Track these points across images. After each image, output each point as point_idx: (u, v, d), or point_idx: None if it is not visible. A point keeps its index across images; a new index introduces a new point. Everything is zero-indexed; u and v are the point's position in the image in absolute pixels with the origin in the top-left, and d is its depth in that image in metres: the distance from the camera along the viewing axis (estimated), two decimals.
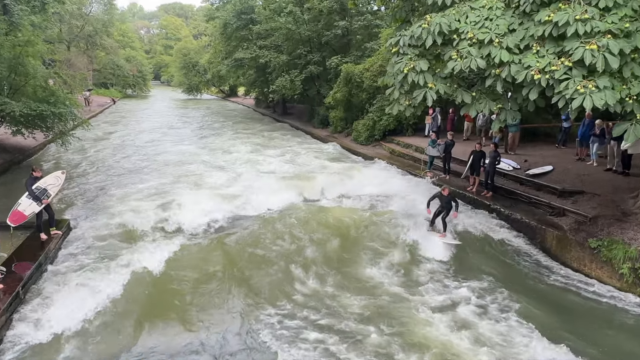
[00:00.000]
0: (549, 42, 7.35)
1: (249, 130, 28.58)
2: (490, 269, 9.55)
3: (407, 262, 9.60)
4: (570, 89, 6.93)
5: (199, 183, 14.55)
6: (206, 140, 24.35)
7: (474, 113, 8.54)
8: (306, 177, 15.12)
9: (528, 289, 8.72)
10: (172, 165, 17.38)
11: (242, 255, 9.47)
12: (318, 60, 27.85)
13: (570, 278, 9.19)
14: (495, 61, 7.56)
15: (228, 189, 13.70)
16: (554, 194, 11.65)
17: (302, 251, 9.71)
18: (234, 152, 20.33)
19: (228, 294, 8.23)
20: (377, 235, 10.50)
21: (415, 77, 8.27)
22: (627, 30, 6.95)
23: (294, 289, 8.44)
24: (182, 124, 31.93)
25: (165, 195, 12.97)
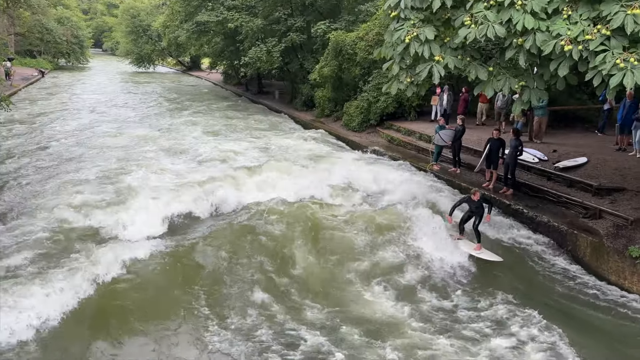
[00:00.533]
0: (582, 6, 7.39)
1: (215, 113, 28.40)
2: (510, 282, 9.67)
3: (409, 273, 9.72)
4: (608, 63, 6.98)
5: (149, 176, 14.47)
6: (158, 125, 24.19)
7: (491, 93, 8.55)
8: (281, 171, 15.09)
9: (555, 307, 8.81)
10: (115, 154, 17.37)
11: (204, 260, 9.54)
12: (301, 27, 27.72)
13: (606, 293, 9.32)
14: (518, 28, 7.57)
15: (185, 185, 13.58)
16: (588, 191, 11.82)
17: (275, 262, 9.75)
18: (194, 141, 20.19)
19: (182, 306, 8.31)
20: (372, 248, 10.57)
21: (418, 47, 8.27)
22: None
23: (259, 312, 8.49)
24: (127, 105, 31.65)
25: (107, 189, 12.99)
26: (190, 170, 15.54)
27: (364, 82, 22.17)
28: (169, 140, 20.27)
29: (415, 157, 17.09)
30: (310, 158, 17.26)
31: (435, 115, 19.25)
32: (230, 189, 13.25)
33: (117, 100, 33.21)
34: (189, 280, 9.11)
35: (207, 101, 34.47)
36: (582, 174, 12.58)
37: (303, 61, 28.49)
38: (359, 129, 21.66)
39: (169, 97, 35.45)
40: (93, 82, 46.20)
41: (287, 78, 32.18)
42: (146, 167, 15.44)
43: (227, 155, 17.97)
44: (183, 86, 45.13)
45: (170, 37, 41.51)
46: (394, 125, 20.65)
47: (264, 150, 18.88)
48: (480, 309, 8.78)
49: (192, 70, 61.24)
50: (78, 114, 26.72)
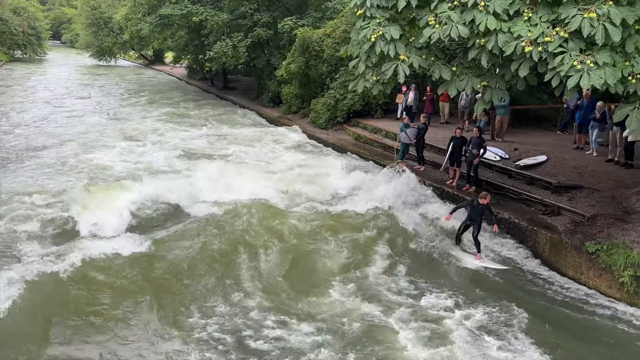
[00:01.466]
0: (542, 8, 7.57)
1: (178, 109, 28.04)
2: (470, 278, 9.86)
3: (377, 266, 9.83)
4: (565, 65, 7.19)
5: (105, 175, 14.33)
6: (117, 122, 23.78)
7: (454, 92, 8.69)
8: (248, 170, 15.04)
9: (515, 301, 8.97)
10: (69, 151, 17.16)
11: (161, 266, 9.30)
12: (267, 22, 27.55)
13: (564, 288, 9.60)
14: (480, 29, 7.70)
15: (144, 185, 13.27)
16: (547, 189, 12.12)
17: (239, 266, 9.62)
18: (156, 138, 19.88)
19: (140, 314, 8.11)
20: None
21: (384, 46, 8.31)
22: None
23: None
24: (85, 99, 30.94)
25: (59, 187, 12.85)
26: (140, 167, 15.41)
27: (331, 79, 22.19)
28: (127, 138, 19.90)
29: (381, 155, 17.23)
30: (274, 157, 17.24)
31: (401, 114, 19.43)
32: (189, 188, 13.07)
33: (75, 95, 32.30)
34: (143, 281, 8.88)
35: (170, 96, 33.88)
36: (542, 172, 12.91)
37: (270, 57, 28.31)
38: (326, 126, 21.66)
39: (132, 92, 34.66)
40: (51, 75, 44.73)
41: (253, 74, 31.90)
42: (99, 165, 15.29)
43: (185, 153, 17.82)
44: (145, 80, 44.13)
45: (132, 30, 40.48)
46: (361, 123, 20.75)
47: (227, 147, 18.70)
48: (440, 305, 8.86)
49: (155, 64, 59.87)
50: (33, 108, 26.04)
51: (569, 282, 9.81)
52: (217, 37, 28.94)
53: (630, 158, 12.91)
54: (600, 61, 7.13)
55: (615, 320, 8.55)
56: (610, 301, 9.08)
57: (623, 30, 7.13)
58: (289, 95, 24.97)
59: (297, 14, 26.70)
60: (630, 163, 12.86)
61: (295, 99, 24.76)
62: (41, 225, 10.72)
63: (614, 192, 11.36)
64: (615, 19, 7.04)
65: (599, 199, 11.18)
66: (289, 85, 24.96)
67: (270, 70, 27.70)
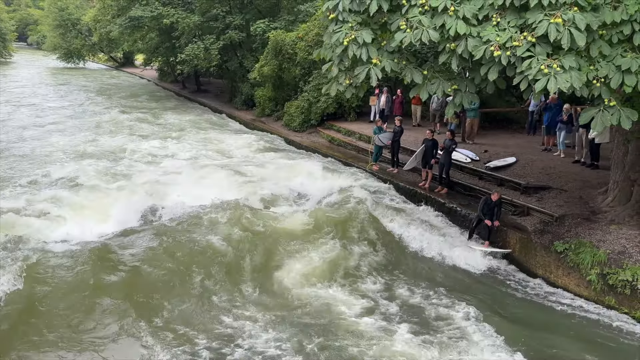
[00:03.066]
0: (510, 13, 7.66)
1: (148, 112, 27.65)
2: (443, 278, 9.98)
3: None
4: (533, 69, 7.29)
5: (76, 184, 13.92)
6: (87, 125, 23.37)
7: (425, 95, 8.72)
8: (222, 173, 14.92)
9: (486, 300, 9.14)
10: (32, 158, 16.79)
11: (137, 274, 9.09)
12: (240, 24, 27.41)
13: (534, 287, 9.80)
14: (451, 33, 7.76)
15: (115, 191, 13.23)
16: (517, 190, 12.35)
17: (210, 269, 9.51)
18: (122, 141, 19.67)
19: (111, 312, 7.95)
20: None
21: (357, 50, 8.30)
22: (595, 3, 7.40)
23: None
24: (51, 103, 30.26)
25: (29, 198, 12.49)
26: (115, 173, 15.22)
27: (304, 82, 22.19)
28: (95, 142, 19.56)
29: (355, 157, 17.29)
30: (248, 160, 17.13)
31: (374, 116, 19.55)
32: (163, 193, 13.07)
33: (45, 99, 31.57)
34: (129, 277, 8.81)
35: (141, 99, 33.46)
36: (511, 174, 13.12)
37: (242, 59, 28.15)
38: (300, 128, 21.66)
39: (102, 95, 34.04)
40: (16, 78, 43.50)
41: (226, 76, 31.66)
42: (75, 173, 14.87)
43: (157, 156, 17.67)
44: (116, 83, 43.40)
45: (101, 32, 39.72)
46: (335, 126, 20.80)
47: (201, 151, 18.57)
48: (414, 304, 8.95)
49: (125, 67, 58.94)
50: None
51: (538, 281, 10.02)
52: (189, 40, 28.67)
53: (596, 159, 13.22)
54: (566, 65, 7.26)
55: (583, 317, 8.73)
56: (578, 299, 9.27)
57: (587, 35, 7.27)
58: (262, 98, 24.88)
59: (270, 17, 26.65)
60: (596, 164, 13.16)
61: (269, 102, 24.69)
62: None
63: (581, 193, 11.63)
64: (580, 25, 7.18)
65: (567, 199, 11.43)
66: (262, 88, 24.88)
67: (243, 73, 27.54)
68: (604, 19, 7.35)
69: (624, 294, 8.82)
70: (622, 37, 7.43)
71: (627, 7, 7.29)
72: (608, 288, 9.03)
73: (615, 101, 7.43)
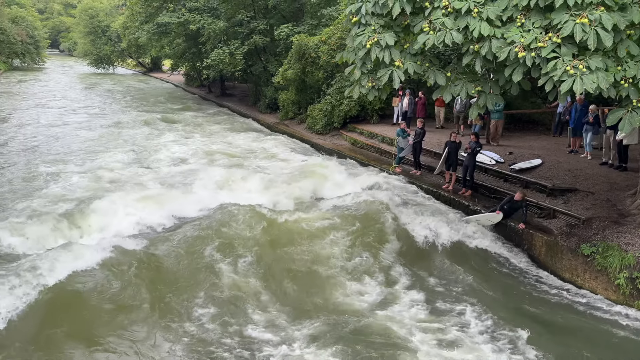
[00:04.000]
0: (535, 14, 7.60)
1: (177, 116, 28.03)
2: (470, 281, 9.84)
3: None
4: (558, 70, 7.22)
5: (111, 184, 14.15)
6: (119, 129, 23.67)
7: (448, 97, 8.70)
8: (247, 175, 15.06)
9: (513, 304, 9.01)
10: (74, 161, 16.98)
11: (169, 268, 9.33)
12: (264, 29, 27.63)
13: (561, 290, 9.61)
14: (474, 35, 7.73)
15: (149, 191, 13.40)
16: (543, 192, 12.16)
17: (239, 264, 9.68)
18: (157, 145, 19.85)
19: (147, 303, 8.22)
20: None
21: (379, 53, 8.35)
22: (622, 2, 7.29)
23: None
24: (86, 108, 30.79)
25: (69, 197, 12.74)
26: (147, 174, 15.43)
27: (327, 85, 22.25)
28: (130, 145, 19.85)
29: (378, 160, 17.23)
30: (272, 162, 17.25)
31: (397, 118, 19.49)
32: (195, 193, 13.21)
33: (74, 103, 32.23)
34: (155, 278, 8.98)
35: (167, 102, 33.92)
36: (537, 176, 12.94)
37: (266, 64, 28.37)
38: (323, 131, 21.70)
39: (131, 100, 34.67)
40: (49, 84, 44.62)
41: (250, 80, 31.93)
42: (113, 173, 15.21)
43: (187, 158, 17.82)
44: (145, 89, 44.16)
45: (130, 38, 40.71)
46: (357, 128, 20.77)
47: (228, 153, 18.68)
48: (440, 308, 8.87)
49: (153, 72, 60.02)
50: (29, 113, 25.97)
51: (565, 285, 9.83)
52: (214, 45, 29.03)
53: (624, 161, 12.95)
54: (592, 66, 7.16)
55: (613, 322, 8.52)
56: (607, 303, 9.07)
57: (615, 35, 7.17)
58: (286, 101, 25.01)
59: (293, 21, 26.79)
60: (624, 166, 12.90)
61: (292, 105, 24.81)
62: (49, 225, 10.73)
63: (608, 195, 11.39)
64: (607, 24, 7.08)
65: (594, 201, 11.21)
66: (286, 92, 25.01)
67: (267, 77, 27.74)
68: (632, 18, 7.23)
69: None
70: None
71: None
72: (637, 292, 8.82)
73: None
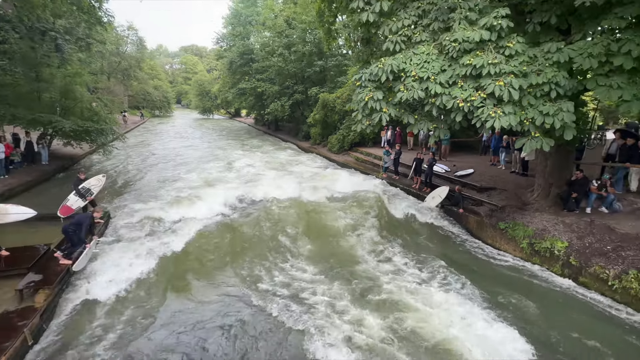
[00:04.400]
0: (469, 80, 7.51)
1: (250, 141, 28.32)
2: (427, 243, 9.78)
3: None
4: (484, 114, 7.11)
5: (213, 182, 14.24)
6: (217, 147, 24.01)
7: (416, 130, 8.63)
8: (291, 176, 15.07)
9: (456, 258, 8.92)
10: (189, 168, 17.11)
11: (246, 237, 9.31)
12: (302, 90, 27.78)
13: (486, 250, 9.48)
14: (432, 93, 7.67)
15: (236, 187, 13.43)
16: (474, 189, 11.97)
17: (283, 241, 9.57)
18: (239, 159, 19.95)
19: (233, 268, 8.15)
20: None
21: (373, 104, 8.31)
22: (525, 71, 7.18)
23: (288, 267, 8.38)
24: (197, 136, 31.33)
25: (184, 191, 12.71)
26: (229, 176, 15.37)
27: (340, 123, 22.19)
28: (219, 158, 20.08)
29: (372, 169, 17.13)
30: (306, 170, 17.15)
31: (384, 144, 19.37)
32: (260, 188, 13.07)
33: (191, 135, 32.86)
34: (237, 246, 8.90)
35: (243, 134, 34.34)
36: (471, 179, 12.71)
37: (303, 111, 28.48)
38: (338, 151, 21.59)
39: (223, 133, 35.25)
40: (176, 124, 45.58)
41: (293, 121, 32.08)
42: (212, 175, 15.26)
43: (253, 164, 17.76)
44: (230, 126, 44.84)
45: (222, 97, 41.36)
46: (359, 150, 20.63)
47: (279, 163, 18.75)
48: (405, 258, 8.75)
49: (236, 117, 60.75)
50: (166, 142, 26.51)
51: (488, 247, 9.67)
52: (272, 100, 29.27)
53: (526, 170, 12.66)
54: (506, 111, 7.04)
55: (518, 270, 8.40)
56: (514, 259, 8.92)
57: (520, 92, 7.05)
58: (315, 133, 25.01)
59: (320, 85, 26.85)
60: (526, 173, 12.60)
61: (318, 136, 24.78)
62: (171, 213, 10.53)
63: (516, 191, 11.14)
64: (515, 86, 6.97)
65: (507, 195, 10.98)
66: (315, 127, 25.02)
67: (304, 119, 27.81)
68: (531, 81, 7.10)
69: (545, 256, 8.41)
70: (543, 92, 7.13)
71: (546, 74, 7.00)
72: (534, 252, 8.64)
73: (538, 133, 7.11)
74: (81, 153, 18.89)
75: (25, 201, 9.56)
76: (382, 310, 6.68)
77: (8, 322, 5.75)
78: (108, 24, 16.29)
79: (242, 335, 6.11)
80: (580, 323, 6.50)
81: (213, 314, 6.59)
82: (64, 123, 14.41)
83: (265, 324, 6.35)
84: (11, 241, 7.90)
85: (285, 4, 30.46)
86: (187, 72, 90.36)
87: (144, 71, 53.10)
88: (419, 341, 5.99)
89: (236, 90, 34.11)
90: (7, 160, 12.83)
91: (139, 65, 48.72)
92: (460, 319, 6.42)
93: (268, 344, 5.91)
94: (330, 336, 6.01)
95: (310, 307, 6.75)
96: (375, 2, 8.39)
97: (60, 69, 16.40)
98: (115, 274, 7.22)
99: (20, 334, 5.52)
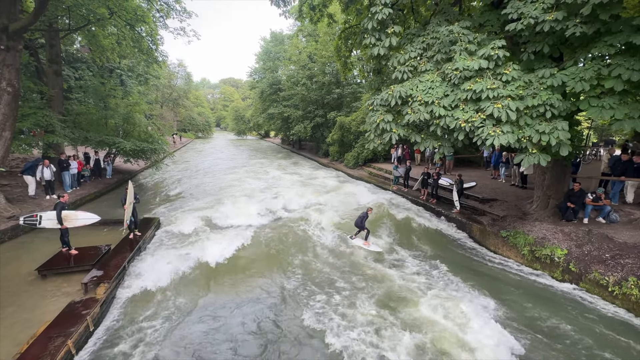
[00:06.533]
0: (470, 103, 7.43)
1: (277, 158, 28.72)
2: (433, 248, 9.51)
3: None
4: (484, 133, 6.99)
5: (247, 193, 14.37)
6: (250, 163, 24.40)
7: (422, 148, 8.55)
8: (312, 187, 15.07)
9: (461, 263, 8.62)
10: (227, 180, 17.32)
11: (281, 244, 9.30)
12: (322, 114, 28.07)
13: (489, 256, 9.11)
14: (436, 115, 7.62)
15: (267, 197, 13.48)
16: (477, 200, 11.61)
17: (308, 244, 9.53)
18: (269, 173, 20.17)
19: (268, 267, 8.17)
20: None
21: (384, 125, 8.34)
22: (521, 95, 7.03)
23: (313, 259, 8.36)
24: (233, 154, 32.04)
25: (225, 202, 12.68)
26: (260, 187, 15.46)
27: (355, 142, 22.21)
28: (252, 172, 20.28)
29: (383, 182, 16.95)
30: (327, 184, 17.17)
31: (394, 160, 19.17)
32: (286, 199, 13.09)
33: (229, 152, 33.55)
34: (270, 252, 8.88)
35: (272, 152, 34.86)
36: (473, 191, 12.34)
37: (323, 132, 28.66)
38: (353, 167, 21.54)
39: (255, 151, 35.95)
40: (216, 143, 46.84)
41: (314, 140, 32.31)
42: (247, 187, 15.32)
43: (281, 176, 17.87)
44: (261, 146, 45.72)
45: (254, 121, 42.30)
46: (372, 165, 20.51)
47: (305, 179, 18.83)
48: (414, 262, 8.53)
49: (265, 138, 61.93)
50: (208, 158, 27.18)
51: (491, 253, 9.29)
52: (296, 123, 29.72)
53: (525, 183, 12.19)
54: (505, 130, 6.89)
55: (519, 275, 8.01)
56: (516, 264, 8.53)
57: (517, 113, 6.91)
58: (333, 151, 25.07)
59: (337, 109, 27.08)
60: (525, 186, 12.12)
61: (336, 153, 24.81)
62: (214, 221, 10.54)
63: (516, 203, 10.71)
64: (512, 108, 6.83)
65: (507, 206, 10.58)
66: (333, 146, 25.13)
67: (323, 139, 28.00)
68: (527, 103, 6.93)
69: (546, 262, 7.99)
70: (539, 113, 6.94)
71: (541, 97, 6.82)
72: (535, 259, 8.23)
73: (535, 150, 6.89)
74: (137, 168, 19.77)
75: (92, 208, 10.00)
76: (395, 307, 6.49)
77: (74, 310, 6.01)
78: (162, 62, 17.26)
79: (272, 334, 6.06)
80: (582, 324, 6.06)
81: (248, 310, 6.62)
82: (125, 144, 15.26)
83: (299, 329, 6.16)
84: (79, 242, 8.29)
85: (308, 42, 31.29)
86: (225, 100, 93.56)
87: (190, 100, 55.47)
88: (417, 328, 5.76)
89: (266, 115, 35.05)
90: (79, 174, 13.65)
91: (186, 95, 51.15)
92: (461, 313, 6.17)
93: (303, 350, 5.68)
94: (350, 338, 5.85)
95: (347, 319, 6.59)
96: (385, 38, 8.51)
97: (123, 100, 17.55)
98: (161, 272, 7.37)
99: (84, 321, 5.76)
